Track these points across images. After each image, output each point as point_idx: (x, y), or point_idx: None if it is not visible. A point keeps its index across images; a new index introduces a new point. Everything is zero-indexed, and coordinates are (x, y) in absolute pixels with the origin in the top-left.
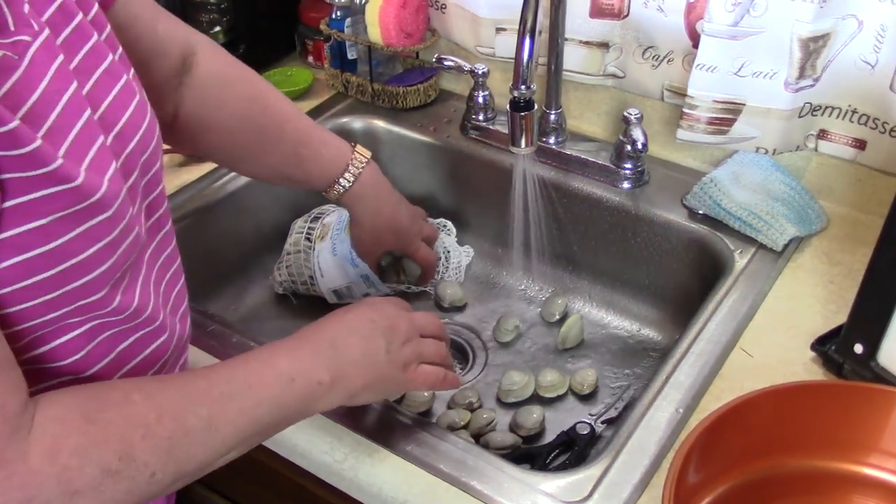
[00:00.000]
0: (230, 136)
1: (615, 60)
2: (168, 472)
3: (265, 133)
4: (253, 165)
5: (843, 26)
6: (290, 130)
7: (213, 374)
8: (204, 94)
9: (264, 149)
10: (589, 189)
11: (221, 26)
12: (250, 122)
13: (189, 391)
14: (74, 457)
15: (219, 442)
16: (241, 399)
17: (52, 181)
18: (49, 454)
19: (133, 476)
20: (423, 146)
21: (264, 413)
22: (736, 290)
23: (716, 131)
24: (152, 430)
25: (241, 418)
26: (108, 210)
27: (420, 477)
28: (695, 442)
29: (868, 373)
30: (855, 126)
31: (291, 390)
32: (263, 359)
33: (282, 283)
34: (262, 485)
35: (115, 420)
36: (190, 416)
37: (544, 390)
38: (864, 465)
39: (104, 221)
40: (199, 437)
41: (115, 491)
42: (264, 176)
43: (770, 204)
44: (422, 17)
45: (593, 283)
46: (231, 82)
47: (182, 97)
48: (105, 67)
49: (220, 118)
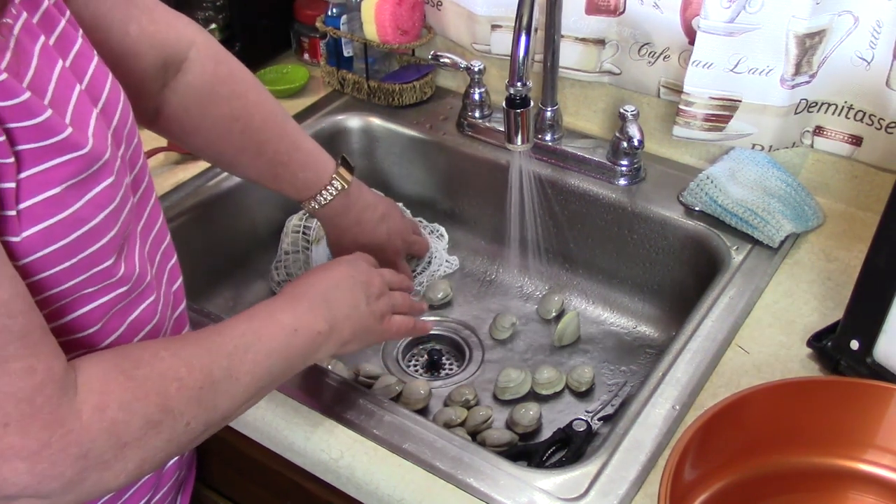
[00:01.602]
0: (210, 144)
1: (611, 57)
2: (200, 420)
3: (244, 150)
4: (232, 169)
5: (839, 22)
6: (269, 151)
7: (224, 329)
8: (188, 103)
9: (242, 161)
10: (585, 186)
11: (217, 24)
12: (230, 137)
13: (208, 346)
14: (121, 411)
15: (240, 391)
16: (255, 350)
17: (63, 149)
18: (98, 410)
19: (172, 426)
20: (420, 143)
21: (274, 363)
22: (732, 286)
23: (712, 128)
24: (184, 383)
25: (256, 368)
26: (112, 175)
27: (417, 474)
28: (691, 439)
29: (864, 369)
30: (851, 122)
31: (295, 341)
32: (266, 314)
33: (280, 282)
34: (259, 483)
35: (151, 375)
36: (214, 367)
37: (541, 387)
38: (860, 461)
39: (108, 188)
40: (223, 387)
41: (157, 440)
42: (245, 178)
43: (766, 200)
44: (418, 15)
45: (590, 280)
46: (217, 99)
47: (166, 100)
48: (77, 49)
49: (202, 128)
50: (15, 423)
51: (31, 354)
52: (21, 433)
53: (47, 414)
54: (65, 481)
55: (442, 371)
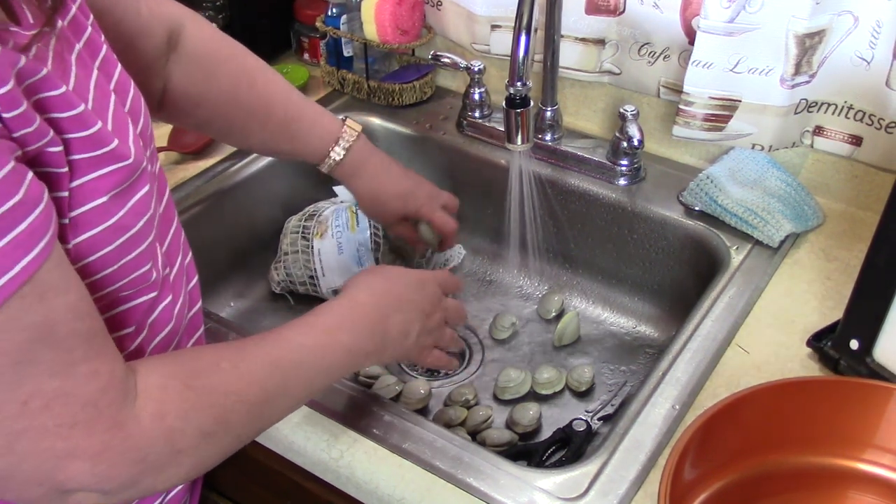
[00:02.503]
0: (218, 110)
1: (611, 57)
2: (250, 432)
3: (253, 109)
4: (243, 139)
5: (839, 22)
6: (278, 107)
7: (282, 341)
8: (191, 70)
9: (253, 124)
10: (585, 186)
11: (217, 24)
12: (238, 98)
13: (267, 360)
14: (178, 420)
15: (289, 405)
16: (308, 367)
17: (111, 159)
18: (157, 417)
19: (224, 437)
20: (419, 143)
21: (322, 378)
22: (732, 286)
23: (712, 128)
24: (241, 397)
25: (306, 383)
26: (147, 184)
27: (417, 474)
28: (691, 438)
29: (864, 369)
30: (851, 122)
31: (346, 360)
32: (327, 330)
33: (279, 282)
34: (260, 483)
35: (209, 387)
36: (270, 384)
37: (541, 387)
38: (859, 460)
39: (145, 195)
40: (276, 402)
41: (209, 450)
42: (256, 149)
43: (766, 200)
44: (417, 15)
45: (590, 280)
46: (219, 58)
47: (170, 73)
48: (103, 55)
49: (209, 93)
50: (81, 425)
51: (96, 357)
52: (86, 435)
53: (109, 417)
54: (121, 482)
55: (442, 371)
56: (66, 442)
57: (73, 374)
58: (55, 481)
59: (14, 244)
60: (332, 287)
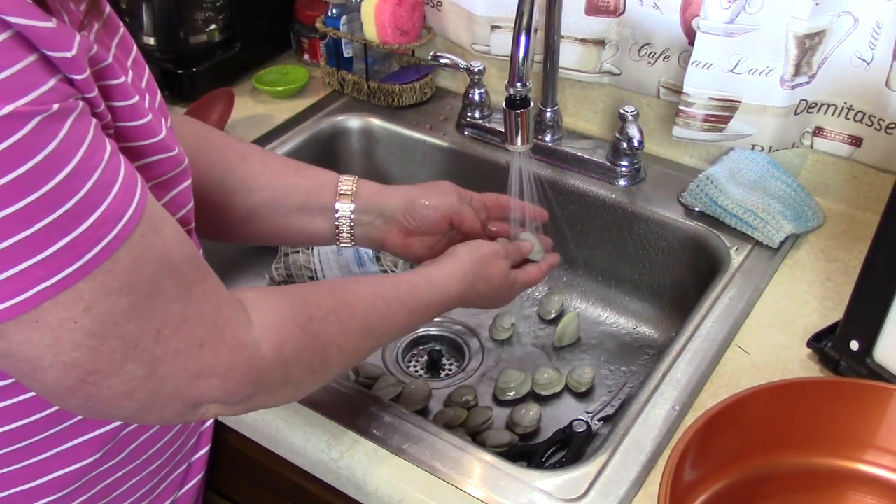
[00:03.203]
0: None
1: (611, 58)
2: (338, 374)
3: None
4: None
5: (839, 23)
6: None
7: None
8: None
9: None
10: (585, 186)
11: (217, 24)
12: None
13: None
14: (293, 354)
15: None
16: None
17: (158, 149)
18: (276, 348)
19: (322, 375)
20: (419, 144)
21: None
22: (732, 287)
23: (712, 128)
24: (341, 348)
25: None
26: (188, 178)
27: (417, 475)
28: (691, 439)
29: (864, 369)
30: (851, 123)
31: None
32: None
33: (280, 283)
34: (259, 484)
35: (320, 334)
36: (364, 346)
37: (541, 388)
38: (859, 461)
39: (185, 189)
40: (365, 354)
41: (309, 384)
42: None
43: (766, 201)
44: (417, 15)
45: (590, 281)
46: None
47: None
48: (133, 56)
49: None
50: (208, 344)
51: (203, 279)
52: (214, 353)
53: (231, 337)
54: (243, 396)
55: (442, 371)
56: (197, 361)
57: (190, 297)
58: (191, 397)
59: (124, 188)
60: None
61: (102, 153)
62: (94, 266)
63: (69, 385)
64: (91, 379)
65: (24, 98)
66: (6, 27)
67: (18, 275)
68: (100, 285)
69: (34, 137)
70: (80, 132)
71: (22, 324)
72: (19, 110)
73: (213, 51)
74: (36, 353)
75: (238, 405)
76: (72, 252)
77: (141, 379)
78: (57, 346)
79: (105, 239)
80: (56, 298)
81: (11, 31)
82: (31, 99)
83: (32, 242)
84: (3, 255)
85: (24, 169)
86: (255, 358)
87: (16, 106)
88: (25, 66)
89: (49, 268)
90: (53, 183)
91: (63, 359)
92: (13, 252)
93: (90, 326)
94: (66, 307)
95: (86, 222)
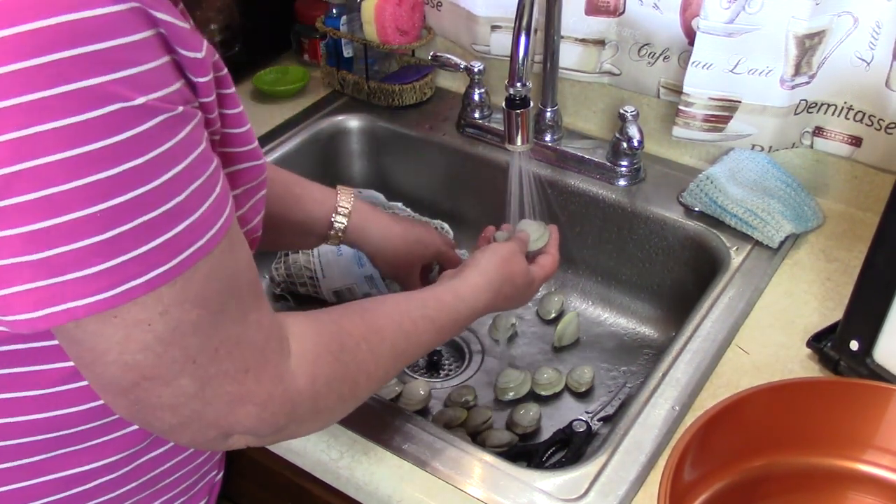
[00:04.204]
0: None
1: (611, 58)
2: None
3: None
4: None
5: (839, 23)
6: None
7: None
8: None
9: None
10: (585, 186)
11: (217, 24)
12: None
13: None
14: (325, 385)
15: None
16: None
17: (249, 157)
18: (310, 379)
19: (353, 403)
20: (419, 144)
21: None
22: (732, 287)
23: (712, 128)
24: (372, 376)
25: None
26: (265, 187)
27: (416, 475)
28: (691, 439)
29: (864, 370)
30: (851, 123)
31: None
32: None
33: (279, 283)
34: (259, 484)
35: (350, 364)
36: (393, 369)
37: (541, 388)
38: (859, 461)
39: (262, 197)
40: (390, 377)
41: (339, 412)
42: None
43: (766, 201)
44: (417, 15)
45: (589, 281)
46: None
47: None
48: None
49: None
50: (252, 371)
51: (259, 307)
52: (256, 381)
53: (273, 367)
54: (276, 427)
55: (442, 372)
56: (240, 387)
57: (246, 321)
58: (227, 424)
59: (217, 203)
60: (333, 288)
61: (208, 164)
62: (179, 272)
63: (124, 385)
64: (145, 384)
65: (156, 93)
66: (153, 24)
67: (114, 268)
68: (179, 292)
69: (156, 133)
70: (195, 139)
71: (101, 316)
72: (151, 104)
73: None
74: (103, 346)
75: (268, 437)
76: (163, 253)
77: (189, 395)
78: (125, 345)
79: (193, 246)
80: (140, 298)
81: (155, 30)
82: (161, 95)
83: (132, 236)
84: (104, 245)
85: (140, 161)
86: (289, 390)
87: (149, 98)
88: (162, 64)
89: (141, 266)
90: (161, 181)
91: (126, 358)
92: (112, 244)
93: (162, 331)
94: (145, 308)
95: (178, 226)
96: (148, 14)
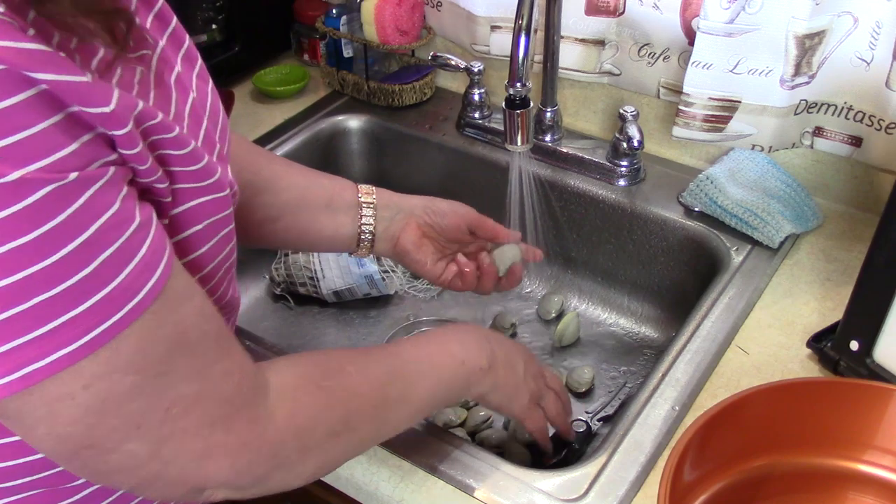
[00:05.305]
0: None
1: (611, 58)
2: (370, 436)
3: None
4: None
5: (839, 23)
6: None
7: (402, 352)
8: None
9: None
10: (585, 187)
11: (217, 24)
12: None
13: (389, 368)
14: (309, 418)
15: (407, 414)
16: (427, 377)
17: (212, 190)
18: (290, 415)
19: (348, 438)
20: (419, 144)
21: (440, 391)
22: (732, 287)
23: (712, 129)
24: (365, 400)
25: (424, 393)
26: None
27: (416, 475)
28: (691, 439)
29: (864, 370)
30: (851, 123)
31: (461, 372)
32: (439, 343)
33: (280, 283)
34: None
35: (337, 389)
36: (390, 389)
37: None
38: (859, 461)
39: (232, 230)
40: (395, 408)
41: (335, 449)
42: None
43: (766, 201)
44: (417, 15)
45: (589, 281)
46: None
47: None
48: (198, 69)
49: None
50: (220, 423)
51: (226, 356)
52: (225, 431)
53: (246, 413)
54: (257, 477)
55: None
56: (206, 441)
57: (208, 376)
58: (197, 479)
59: (141, 266)
60: (332, 288)
61: (125, 227)
62: (99, 345)
63: (65, 455)
64: (86, 453)
65: (37, 164)
66: (31, 84)
67: (14, 350)
68: (103, 363)
69: (41, 207)
70: (103, 203)
71: (18, 396)
72: (28, 177)
73: (213, 51)
74: (30, 421)
75: (252, 488)
76: (73, 329)
77: (143, 458)
78: (53, 419)
79: (113, 317)
80: (57, 374)
81: (37, 89)
82: (44, 165)
83: (30, 317)
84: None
85: (24, 240)
86: (267, 433)
87: (25, 172)
88: (46, 128)
89: (46, 346)
90: (57, 257)
91: (58, 431)
92: (9, 326)
93: (90, 403)
94: (63, 383)
95: (91, 299)
96: (21, 76)
